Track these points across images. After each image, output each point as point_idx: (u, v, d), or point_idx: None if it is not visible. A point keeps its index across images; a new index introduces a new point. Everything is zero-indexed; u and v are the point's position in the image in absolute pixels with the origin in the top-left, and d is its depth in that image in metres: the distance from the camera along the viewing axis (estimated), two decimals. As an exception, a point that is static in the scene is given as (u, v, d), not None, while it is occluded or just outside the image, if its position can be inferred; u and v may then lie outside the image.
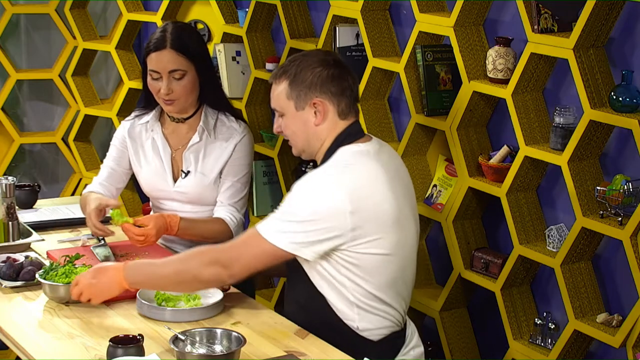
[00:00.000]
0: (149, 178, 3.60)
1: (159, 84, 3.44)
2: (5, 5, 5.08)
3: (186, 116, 3.56)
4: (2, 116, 5.22)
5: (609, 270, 3.43)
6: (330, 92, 2.95)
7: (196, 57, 3.46)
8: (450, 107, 3.72)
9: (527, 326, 3.62)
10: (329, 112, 2.96)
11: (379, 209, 2.87)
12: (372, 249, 2.87)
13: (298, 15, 4.42)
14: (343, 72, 2.99)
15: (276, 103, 3.02)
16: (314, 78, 2.95)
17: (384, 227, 2.88)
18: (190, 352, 2.69)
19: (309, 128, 2.98)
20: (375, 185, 2.88)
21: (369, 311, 2.92)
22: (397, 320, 2.99)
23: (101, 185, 3.63)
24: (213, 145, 3.54)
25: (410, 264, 3.03)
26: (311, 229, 2.81)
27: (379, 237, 2.87)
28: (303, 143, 3.02)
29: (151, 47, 3.44)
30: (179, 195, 3.56)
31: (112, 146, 3.67)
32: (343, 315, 2.93)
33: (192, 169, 3.54)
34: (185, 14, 5.10)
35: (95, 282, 2.94)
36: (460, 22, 3.62)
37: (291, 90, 2.97)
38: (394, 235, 2.90)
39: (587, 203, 3.30)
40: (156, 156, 3.58)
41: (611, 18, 3.22)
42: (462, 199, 3.69)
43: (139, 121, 3.64)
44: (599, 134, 3.29)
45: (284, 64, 3.02)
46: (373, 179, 2.89)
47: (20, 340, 2.86)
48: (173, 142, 3.59)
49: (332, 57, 3.03)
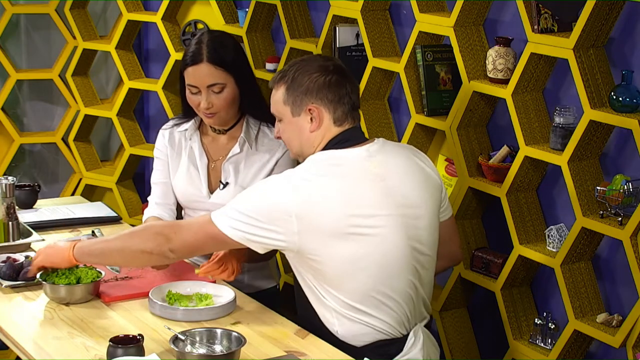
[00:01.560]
0: (183, 188, 3.50)
1: (198, 97, 3.34)
2: (5, 5, 5.08)
3: (227, 127, 3.46)
4: (2, 116, 5.22)
5: (609, 270, 3.43)
6: (327, 98, 2.91)
7: (234, 68, 3.34)
8: (450, 107, 3.72)
9: (527, 326, 3.63)
10: (324, 119, 2.92)
11: (325, 220, 2.80)
12: (327, 259, 2.82)
13: (298, 15, 4.42)
14: (342, 79, 2.94)
15: (274, 108, 3.00)
16: (310, 84, 2.91)
17: (335, 238, 2.81)
18: (190, 352, 2.69)
19: (304, 134, 2.95)
20: (330, 198, 2.80)
21: (347, 318, 2.88)
22: (385, 329, 2.90)
23: (158, 205, 3.55)
24: (254, 157, 3.44)
25: (399, 274, 2.88)
26: (257, 224, 2.81)
27: (330, 247, 2.81)
28: (297, 149, 3.00)
29: (188, 60, 3.33)
30: (215, 207, 3.38)
31: (157, 159, 3.57)
32: (324, 319, 2.91)
33: (232, 180, 3.44)
34: (185, 14, 5.10)
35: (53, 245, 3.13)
36: (460, 22, 3.62)
37: (288, 95, 2.94)
38: (352, 245, 2.82)
39: (587, 203, 3.30)
40: (192, 166, 3.49)
41: (611, 18, 3.23)
42: (462, 199, 3.69)
43: (178, 129, 3.54)
44: (599, 134, 3.29)
45: (283, 68, 3.00)
46: (332, 192, 2.81)
47: (20, 340, 2.86)
48: (212, 152, 3.49)
49: (333, 63, 2.98)
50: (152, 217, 3.52)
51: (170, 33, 5.00)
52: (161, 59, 5.21)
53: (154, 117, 5.45)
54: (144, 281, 3.24)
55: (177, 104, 5.02)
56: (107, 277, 3.25)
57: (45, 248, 3.14)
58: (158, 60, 5.29)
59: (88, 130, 5.39)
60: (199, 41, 3.35)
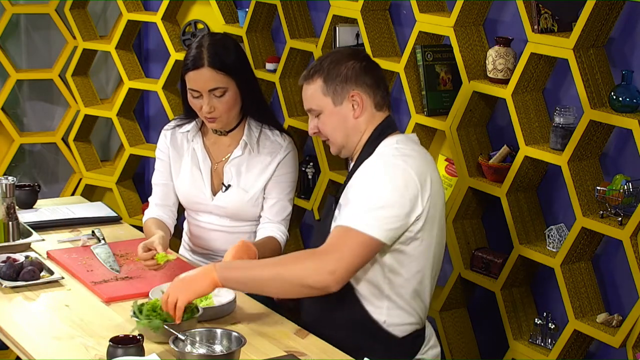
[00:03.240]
0: (186, 190, 3.49)
1: (200, 101, 3.33)
2: (5, 5, 5.08)
3: (229, 129, 3.46)
4: (2, 116, 5.22)
5: (609, 270, 3.43)
6: (366, 84, 2.93)
7: (236, 71, 3.33)
8: (450, 107, 3.72)
9: (527, 326, 3.63)
10: (366, 104, 2.93)
11: (440, 194, 2.91)
12: (425, 234, 2.87)
13: (298, 15, 4.42)
14: (374, 64, 2.99)
15: (312, 102, 2.96)
16: (348, 71, 2.92)
17: (440, 213, 2.92)
18: (190, 352, 2.69)
19: (348, 122, 2.94)
20: (434, 172, 2.91)
21: (398, 305, 2.91)
22: (421, 317, 2.98)
23: (158, 206, 3.55)
24: (256, 159, 3.43)
25: (439, 260, 3.01)
26: (396, 213, 2.78)
27: (434, 222, 2.88)
28: (343, 139, 2.96)
29: (189, 65, 3.32)
30: (217, 209, 3.46)
31: (158, 160, 3.56)
32: (372, 309, 2.91)
33: (234, 183, 3.43)
34: (185, 14, 5.10)
35: (183, 277, 2.84)
36: (460, 22, 3.62)
37: (327, 86, 2.93)
38: (441, 222, 2.93)
39: (587, 203, 3.30)
40: (195, 168, 3.48)
41: (611, 18, 3.23)
42: (462, 199, 3.69)
43: (180, 130, 3.53)
44: (599, 134, 3.29)
45: (312, 64, 2.99)
46: (432, 165, 2.93)
47: (20, 340, 2.86)
48: (214, 153, 3.49)
49: (360, 50, 3.04)
50: (152, 218, 3.52)
51: (170, 33, 5.00)
52: (161, 59, 5.21)
53: (154, 117, 5.45)
54: (144, 281, 3.24)
55: (177, 104, 5.02)
56: (107, 277, 3.26)
57: (178, 284, 2.82)
58: (158, 60, 5.30)
59: (88, 130, 5.40)
60: (200, 45, 3.33)
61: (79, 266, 3.34)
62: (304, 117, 4.43)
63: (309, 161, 4.47)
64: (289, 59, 4.43)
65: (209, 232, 3.51)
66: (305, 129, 4.39)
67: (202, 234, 3.54)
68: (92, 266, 3.35)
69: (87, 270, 3.31)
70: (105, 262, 3.37)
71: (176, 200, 3.57)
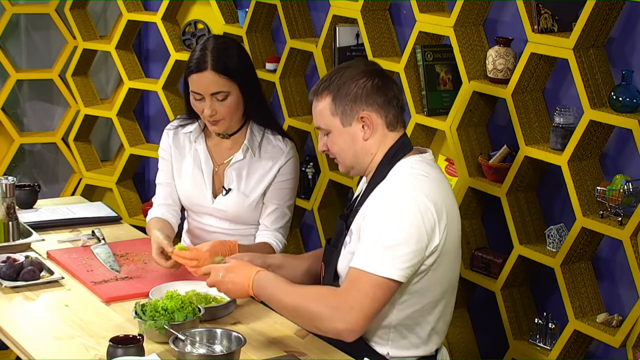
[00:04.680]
0: (187, 191, 3.49)
1: (202, 104, 3.32)
2: (5, 5, 5.08)
3: (231, 132, 3.44)
4: (2, 116, 5.22)
5: (609, 270, 3.43)
6: (377, 103, 2.80)
7: (239, 75, 3.32)
8: (450, 107, 3.72)
9: (527, 326, 3.63)
10: (377, 125, 2.81)
11: (457, 221, 2.81)
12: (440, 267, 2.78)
13: (298, 15, 4.42)
14: (387, 81, 2.83)
15: (320, 121, 2.86)
16: (358, 90, 2.79)
17: (457, 241, 2.83)
18: (190, 352, 2.69)
19: (358, 143, 2.82)
20: (449, 195, 2.81)
21: (403, 335, 2.83)
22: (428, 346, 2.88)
23: (161, 206, 3.54)
24: (257, 164, 3.42)
25: (454, 288, 2.91)
26: (412, 249, 2.68)
27: (449, 254, 2.78)
28: (352, 160, 2.86)
29: (192, 67, 3.31)
30: (217, 212, 3.46)
31: (161, 160, 3.55)
32: (375, 340, 2.85)
33: (234, 187, 3.42)
34: (185, 14, 5.10)
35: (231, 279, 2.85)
36: (460, 22, 3.62)
37: (336, 105, 2.81)
38: (458, 252, 2.84)
39: (587, 203, 3.30)
40: (197, 169, 3.47)
41: (611, 18, 3.23)
42: (462, 199, 3.69)
43: (183, 130, 3.52)
44: (599, 134, 3.29)
45: (323, 78, 2.87)
46: (447, 189, 2.82)
47: (20, 340, 2.86)
48: (216, 156, 3.47)
49: (374, 66, 2.88)
50: (155, 217, 3.52)
51: (170, 33, 5.00)
52: (161, 59, 5.21)
53: (154, 117, 5.45)
54: (144, 281, 3.24)
55: (177, 104, 5.03)
56: (107, 277, 3.26)
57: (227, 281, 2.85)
58: (158, 60, 5.30)
59: (88, 130, 5.40)
60: (204, 47, 3.32)
61: (79, 266, 3.35)
62: (303, 117, 4.44)
63: (309, 161, 4.47)
64: (289, 59, 4.43)
65: (209, 234, 3.51)
66: (305, 128, 4.39)
67: (202, 235, 3.54)
68: (92, 266, 3.35)
69: (87, 270, 3.31)
70: (105, 262, 3.37)
71: (180, 200, 3.58)
